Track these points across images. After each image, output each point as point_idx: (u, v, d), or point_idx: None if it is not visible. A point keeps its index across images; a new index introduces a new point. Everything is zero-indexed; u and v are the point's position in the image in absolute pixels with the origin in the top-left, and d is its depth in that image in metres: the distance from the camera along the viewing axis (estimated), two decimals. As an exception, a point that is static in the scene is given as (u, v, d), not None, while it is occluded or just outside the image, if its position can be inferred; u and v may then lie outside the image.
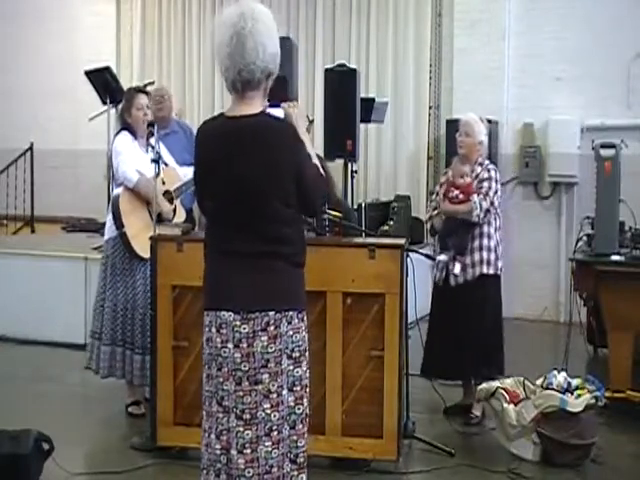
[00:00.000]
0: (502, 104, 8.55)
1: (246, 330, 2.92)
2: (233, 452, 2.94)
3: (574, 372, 4.97)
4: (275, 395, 2.93)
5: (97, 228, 8.49)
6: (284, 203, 2.95)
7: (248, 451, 2.92)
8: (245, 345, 2.92)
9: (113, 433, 5.04)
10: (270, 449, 2.93)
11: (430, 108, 9.11)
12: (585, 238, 5.73)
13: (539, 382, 4.77)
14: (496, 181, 5.21)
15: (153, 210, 4.93)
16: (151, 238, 4.64)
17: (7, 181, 10.40)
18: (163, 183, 5.05)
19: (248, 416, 2.92)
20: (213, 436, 2.99)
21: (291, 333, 2.97)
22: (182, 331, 4.54)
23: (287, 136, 2.98)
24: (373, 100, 7.95)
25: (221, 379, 2.96)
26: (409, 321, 4.72)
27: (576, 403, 4.54)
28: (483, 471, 4.49)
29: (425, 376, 5.36)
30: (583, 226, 5.77)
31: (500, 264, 5.23)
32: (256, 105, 2.99)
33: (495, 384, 4.82)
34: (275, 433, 2.93)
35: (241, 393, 2.93)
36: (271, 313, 2.92)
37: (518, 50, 8.63)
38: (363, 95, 7.64)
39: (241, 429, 2.93)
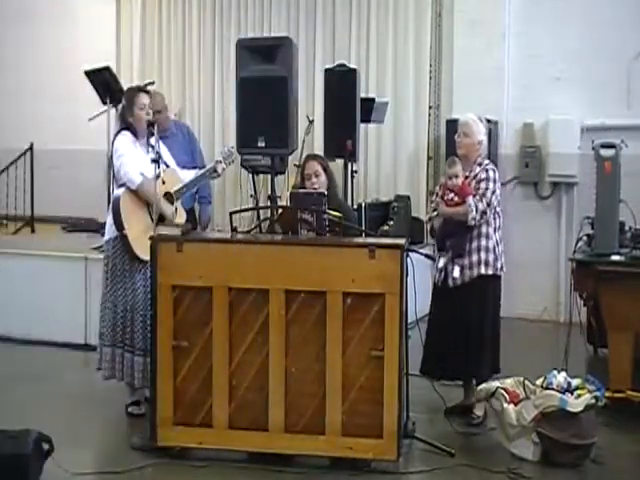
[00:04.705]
0: (502, 104, 8.53)
1: None
2: None
3: (574, 372, 4.97)
4: None
5: (97, 228, 8.47)
6: None
7: None
8: None
9: (113, 433, 5.05)
10: None
11: (430, 108, 9.09)
12: (585, 238, 5.73)
13: (539, 382, 4.77)
14: (494, 181, 5.19)
15: (154, 212, 4.92)
16: (151, 238, 4.64)
17: (7, 181, 10.38)
18: (163, 183, 5.04)
19: None
20: None
21: None
22: (182, 331, 4.54)
23: None
24: (373, 100, 7.95)
25: None
26: (409, 321, 4.72)
27: (576, 403, 4.54)
28: (483, 471, 4.49)
29: (424, 376, 5.36)
30: (583, 226, 5.76)
31: (500, 264, 5.22)
32: None
33: (495, 384, 4.83)
34: None
35: None
36: None
37: (518, 50, 8.61)
38: (363, 95, 7.64)
39: None
